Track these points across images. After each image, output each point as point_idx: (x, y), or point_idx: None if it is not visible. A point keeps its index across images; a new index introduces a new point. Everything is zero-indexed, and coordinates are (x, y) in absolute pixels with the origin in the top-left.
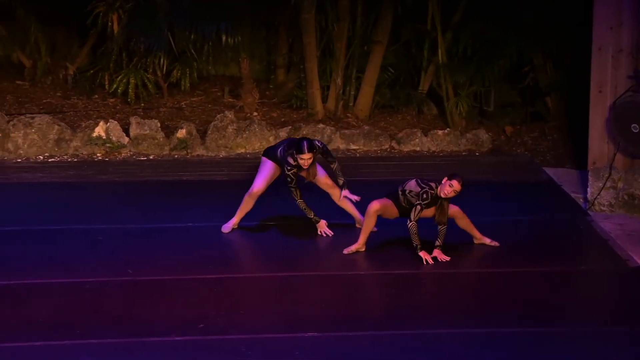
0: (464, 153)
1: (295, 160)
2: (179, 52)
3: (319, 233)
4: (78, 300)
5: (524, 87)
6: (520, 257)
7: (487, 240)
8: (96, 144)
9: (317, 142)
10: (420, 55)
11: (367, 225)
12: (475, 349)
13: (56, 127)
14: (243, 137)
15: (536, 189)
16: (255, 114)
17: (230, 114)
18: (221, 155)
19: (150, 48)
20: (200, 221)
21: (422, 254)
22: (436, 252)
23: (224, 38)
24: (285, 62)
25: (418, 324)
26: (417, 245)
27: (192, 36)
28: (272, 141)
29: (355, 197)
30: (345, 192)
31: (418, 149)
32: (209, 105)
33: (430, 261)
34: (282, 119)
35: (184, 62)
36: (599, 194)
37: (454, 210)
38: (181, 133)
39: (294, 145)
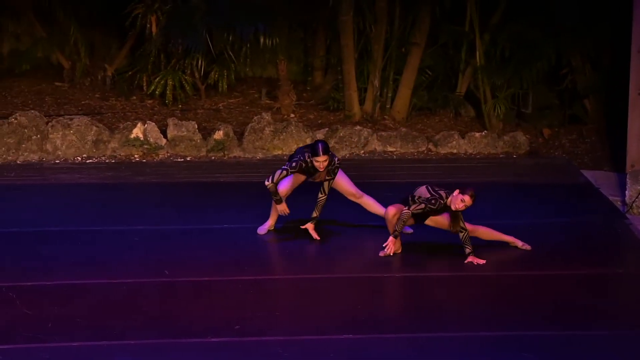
0: (501, 155)
1: (310, 159)
2: (217, 53)
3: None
4: (115, 301)
5: (562, 89)
6: (557, 260)
7: (519, 243)
8: (134, 145)
9: (335, 157)
10: (458, 57)
11: (392, 229)
12: (510, 351)
13: (94, 128)
14: (280, 138)
15: (574, 191)
16: (292, 115)
17: (267, 116)
18: (258, 157)
19: (188, 49)
20: (236, 223)
21: (390, 239)
22: (471, 258)
23: (261, 40)
24: (323, 64)
25: (454, 326)
26: (395, 231)
27: (230, 38)
28: (308, 143)
29: (316, 235)
30: (310, 226)
31: (455, 151)
32: (246, 107)
33: (389, 252)
34: (319, 121)
35: (222, 63)
36: (637, 197)
37: (471, 228)
38: (218, 135)
39: (310, 147)
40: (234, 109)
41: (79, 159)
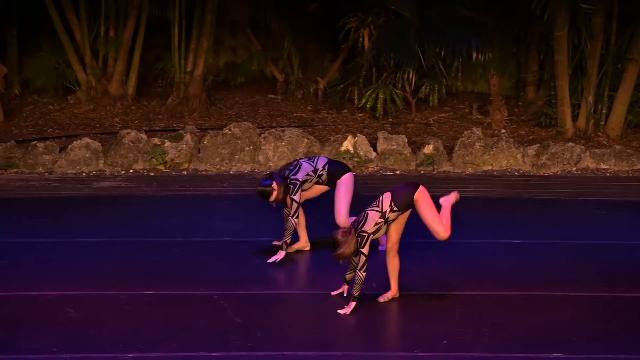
0: None
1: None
2: (428, 67)
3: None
4: (321, 312)
5: None
6: None
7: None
8: (344, 157)
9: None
10: None
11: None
12: None
13: (305, 140)
14: (490, 154)
15: None
16: (503, 131)
17: (477, 131)
18: (467, 172)
19: (399, 63)
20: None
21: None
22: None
23: (474, 54)
24: (535, 79)
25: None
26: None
27: (442, 52)
28: (519, 159)
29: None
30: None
31: None
32: (457, 122)
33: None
34: (531, 137)
35: (433, 78)
36: None
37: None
38: (428, 149)
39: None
40: (444, 123)
41: None
